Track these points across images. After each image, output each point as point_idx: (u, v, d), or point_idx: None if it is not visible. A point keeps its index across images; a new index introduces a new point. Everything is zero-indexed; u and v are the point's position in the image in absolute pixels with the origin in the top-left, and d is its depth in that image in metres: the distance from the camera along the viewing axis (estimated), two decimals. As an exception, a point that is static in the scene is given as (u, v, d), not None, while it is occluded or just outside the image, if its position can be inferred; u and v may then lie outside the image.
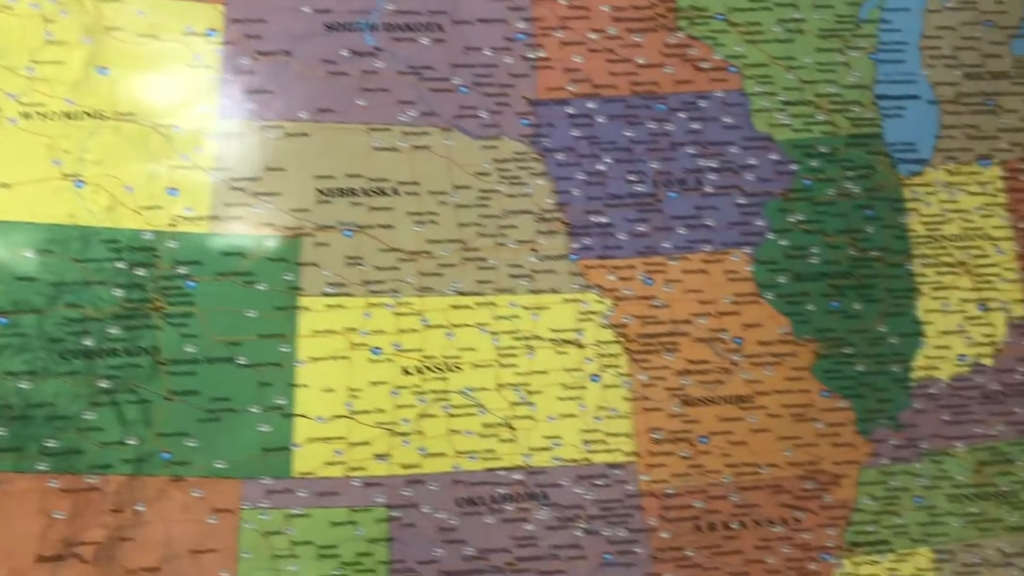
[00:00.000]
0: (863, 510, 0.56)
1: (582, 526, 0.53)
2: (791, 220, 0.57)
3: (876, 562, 0.55)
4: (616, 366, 0.55)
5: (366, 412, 0.52)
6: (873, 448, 0.56)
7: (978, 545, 0.56)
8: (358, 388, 0.53)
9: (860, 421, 0.56)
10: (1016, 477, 0.57)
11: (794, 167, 0.58)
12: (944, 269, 0.58)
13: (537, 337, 0.55)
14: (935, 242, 0.58)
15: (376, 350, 0.53)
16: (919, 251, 0.58)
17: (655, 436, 0.55)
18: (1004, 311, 0.58)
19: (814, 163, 0.58)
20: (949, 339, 0.58)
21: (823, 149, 0.58)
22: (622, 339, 0.55)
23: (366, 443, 0.52)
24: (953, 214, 0.59)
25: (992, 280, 0.58)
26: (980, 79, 0.60)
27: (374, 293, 0.54)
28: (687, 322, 0.56)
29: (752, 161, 0.57)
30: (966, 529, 0.56)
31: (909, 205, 0.58)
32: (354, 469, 0.52)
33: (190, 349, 0.52)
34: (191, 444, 0.51)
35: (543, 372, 0.54)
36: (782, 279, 0.57)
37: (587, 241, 0.56)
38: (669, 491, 0.54)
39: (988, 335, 0.58)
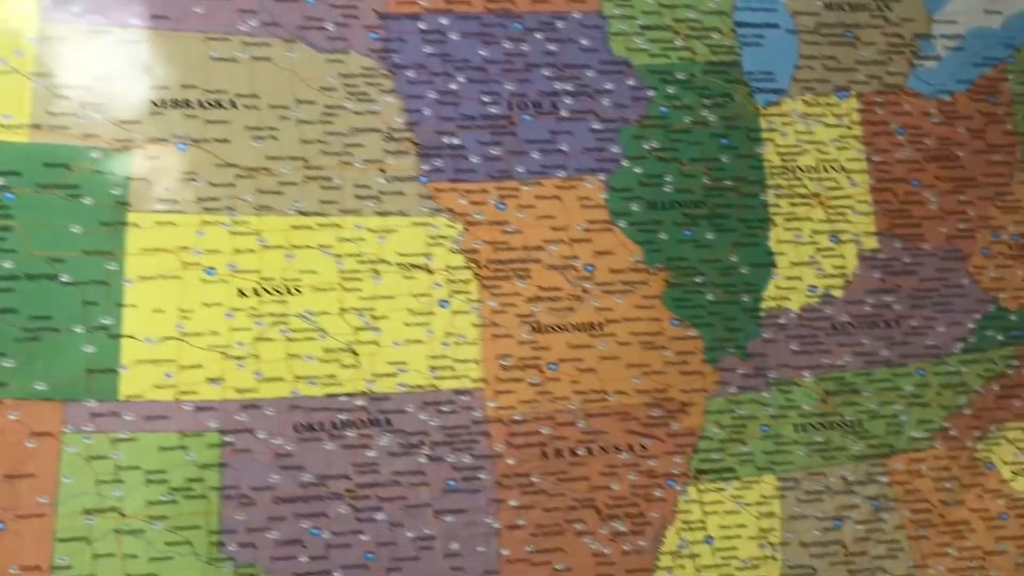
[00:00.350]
0: (710, 438, 0.56)
1: (426, 452, 0.53)
2: (646, 147, 0.56)
3: (721, 489, 0.56)
4: (466, 292, 0.54)
5: (199, 334, 0.50)
6: (721, 377, 0.56)
7: (822, 473, 0.57)
8: (190, 309, 0.50)
9: (709, 350, 0.56)
10: (861, 407, 0.58)
11: (650, 93, 0.57)
12: (798, 200, 0.58)
13: (383, 261, 0.53)
14: (790, 173, 0.58)
15: (210, 270, 0.51)
16: (773, 181, 0.58)
17: (504, 363, 0.54)
18: (855, 243, 0.59)
19: (671, 90, 0.57)
20: (800, 270, 0.58)
21: (680, 76, 0.57)
22: (472, 264, 0.54)
23: (198, 366, 0.50)
24: (809, 145, 0.59)
25: (845, 212, 0.59)
26: (840, 10, 0.60)
27: (209, 211, 0.51)
28: (539, 248, 0.55)
29: (608, 86, 0.56)
30: (811, 457, 0.57)
31: (765, 135, 0.58)
32: (185, 392, 0.50)
33: (7, 264, 0.49)
34: (8, 364, 0.48)
35: (389, 297, 0.53)
36: (635, 207, 0.56)
37: (438, 163, 0.54)
38: (516, 417, 0.54)
39: (839, 267, 0.58)
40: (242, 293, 0.51)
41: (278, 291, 0.52)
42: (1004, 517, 0.59)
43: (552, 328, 0.55)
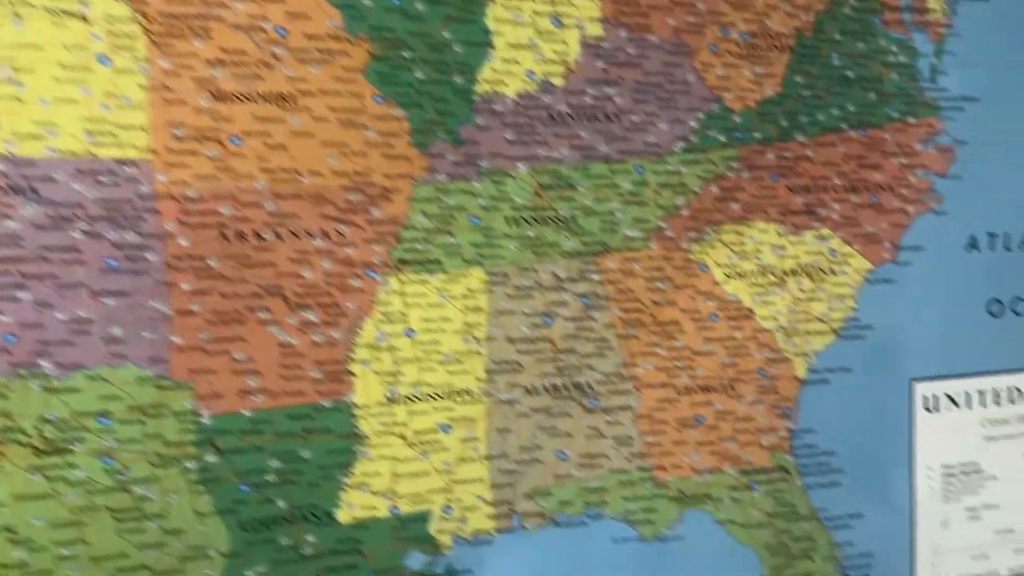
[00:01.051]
0: (415, 227, 0.53)
1: (81, 227, 0.47)
2: (348, -103, 0.50)
3: (425, 281, 0.53)
4: (131, 48, 0.47)
5: None
6: (429, 163, 0.53)
7: (533, 269, 0.55)
8: None
9: (416, 132, 0.52)
10: (576, 202, 0.56)
11: None
12: (518, -24, 0.54)
13: (27, 3, 0.46)
14: (510, -55, 0.54)
15: None
16: (492, -48, 0.53)
17: (177, 132, 0.48)
18: (579, 29, 0.55)
19: None
20: (518, 53, 0.54)
21: None
22: (140, 17, 0.47)
23: None
24: (531, -85, 0.54)
25: (569, -6, 0.55)
26: None
27: None
28: (221, 5, 0.49)
29: None
30: (522, 252, 0.55)
31: (482, -102, 0.53)
32: None
33: None
34: None
35: (35, 47, 0.46)
36: (335, -35, 0.51)
37: None
38: (191, 194, 0.48)
39: (560, 53, 0.55)
40: None
41: None
42: (714, 319, 0.59)
43: (236, 97, 0.49)
